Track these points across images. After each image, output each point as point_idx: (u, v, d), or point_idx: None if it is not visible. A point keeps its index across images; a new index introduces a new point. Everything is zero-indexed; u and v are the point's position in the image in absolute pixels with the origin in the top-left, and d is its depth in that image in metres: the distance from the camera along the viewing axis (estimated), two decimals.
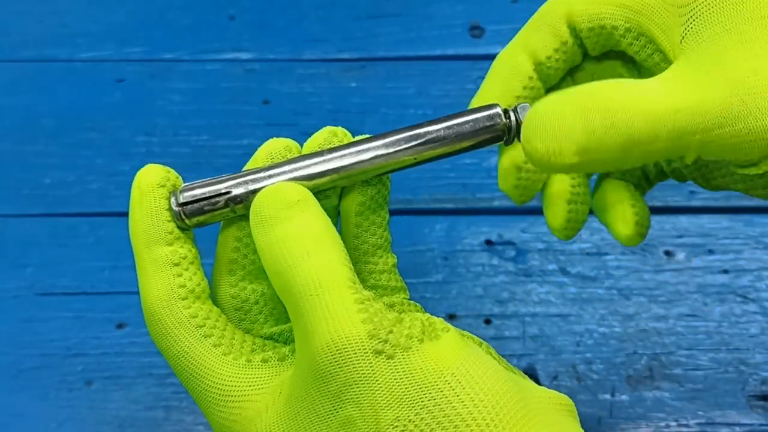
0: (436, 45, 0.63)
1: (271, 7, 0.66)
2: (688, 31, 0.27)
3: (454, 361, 0.23)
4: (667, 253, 0.52)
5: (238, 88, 0.61)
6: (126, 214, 0.29)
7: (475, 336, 0.29)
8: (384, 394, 0.23)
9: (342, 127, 0.29)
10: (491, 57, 0.34)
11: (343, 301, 0.24)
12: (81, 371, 0.49)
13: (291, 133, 0.59)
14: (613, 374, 0.47)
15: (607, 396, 0.47)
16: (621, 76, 0.32)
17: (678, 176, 0.34)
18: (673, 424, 0.46)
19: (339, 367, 0.23)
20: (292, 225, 0.25)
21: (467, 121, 0.28)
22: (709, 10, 0.26)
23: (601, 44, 0.30)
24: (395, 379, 0.23)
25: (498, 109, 0.28)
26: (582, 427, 0.43)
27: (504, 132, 0.28)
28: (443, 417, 0.23)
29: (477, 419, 0.22)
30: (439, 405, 0.23)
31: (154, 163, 0.29)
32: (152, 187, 0.28)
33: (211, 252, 0.29)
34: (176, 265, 0.27)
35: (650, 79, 0.27)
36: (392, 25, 0.64)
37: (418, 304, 0.31)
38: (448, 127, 0.28)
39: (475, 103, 0.32)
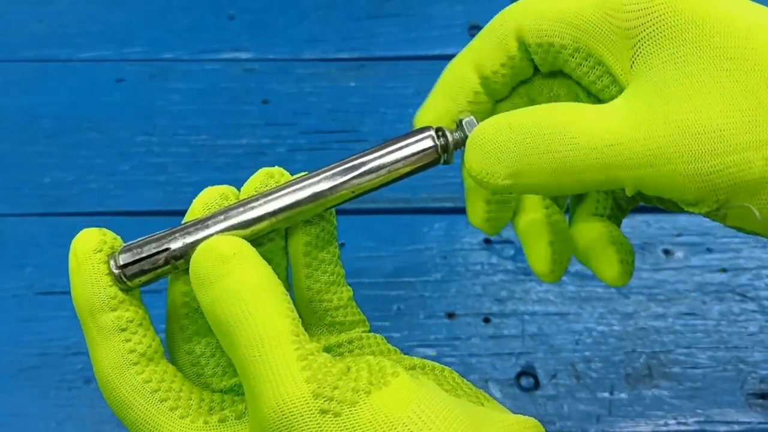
0: (435, 45, 0.63)
1: (270, 7, 0.66)
2: (638, 56, 0.26)
3: (405, 408, 0.23)
4: (666, 252, 0.52)
5: (238, 87, 0.61)
6: (126, 214, 0.29)
7: (434, 363, 0.28)
8: None
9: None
10: None
11: (286, 360, 0.23)
12: (80, 370, 0.49)
13: (290, 133, 0.59)
14: (612, 372, 0.47)
15: (606, 394, 0.47)
16: (573, 91, 0.31)
17: (644, 199, 0.33)
18: (672, 422, 0.46)
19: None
20: (229, 282, 0.25)
21: (400, 148, 0.28)
22: (656, 35, 0.26)
23: (549, 62, 0.29)
24: None
25: (431, 132, 0.28)
26: (581, 425, 0.43)
27: (439, 154, 0.28)
28: None
29: None
30: None
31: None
32: (88, 253, 0.26)
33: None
34: (124, 330, 0.26)
35: (595, 106, 0.26)
36: (391, 25, 0.64)
37: (378, 335, 0.30)
38: (382, 156, 0.28)
39: (419, 114, 0.32)
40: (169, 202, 0.55)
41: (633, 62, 0.26)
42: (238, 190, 0.29)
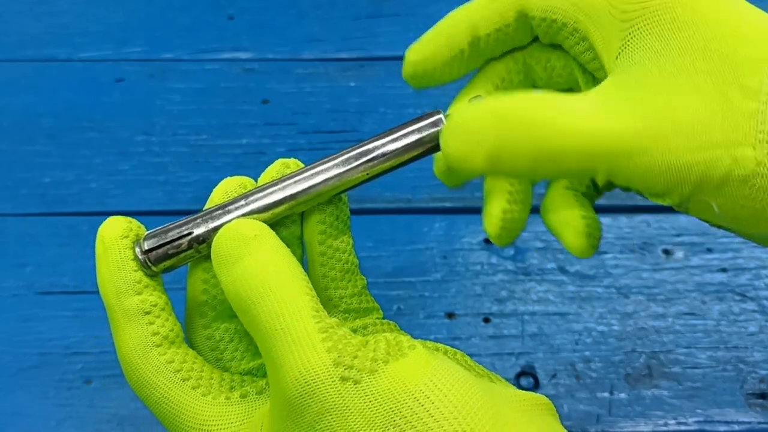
0: None
1: (270, 6, 0.66)
2: (625, 48, 0.27)
3: (422, 377, 0.24)
4: (666, 252, 0.52)
5: (237, 87, 0.61)
6: (126, 214, 0.29)
7: (446, 346, 0.29)
8: (357, 419, 0.23)
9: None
10: None
11: (307, 332, 0.24)
12: (80, 370, 0.49)
13: (290, 133, 0.59)
14: (612, 372, 0.47)
15: (606, 394, 0.47)
16: (570, 66, 0.32)
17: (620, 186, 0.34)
18: (672, 422, 0.46)
19: (310, 398, 0.24)
20: (251, 261, 0.26)
21: (412, 131, 0.29)
22: (646, 30, 0.26)
23: (550, 36, 0.30)
24: (365, 403, 0.23)
25: (441, 116, 0.29)
26: (581, 425, 0.43)
27: None
28: None
29: (448, 431, 0.23)
30: (410, 423, 0.23)
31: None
32: (115, 239, 0.27)
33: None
34: (148, 313, 0.27)
35: (577, 95, 0.27)
36: (391, 24, 0.64)
37: (392, 322, 0.31)
38: (395, 140, 0.29)
39: (409, 53, 0.32)
40: (168, 201, 0.55)
41: (619, 53, 0.27)
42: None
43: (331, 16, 0.65)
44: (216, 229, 0.27)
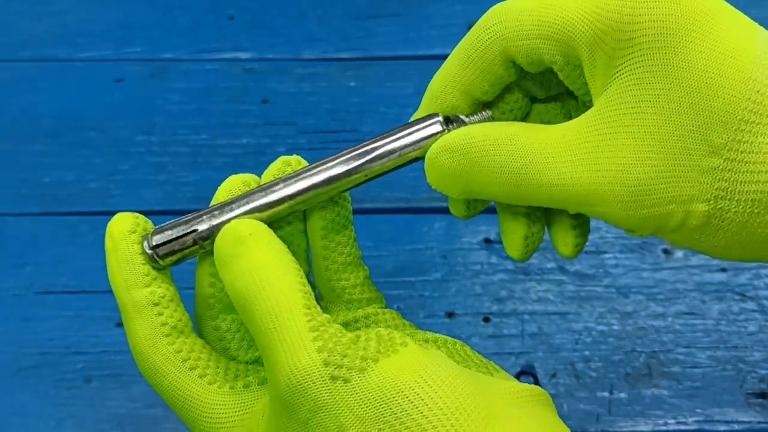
0: (434, 44, 0.63)
1: (270, 6, 0.66)
2: (610, 85, 0.27)
3: (412, 374, 0.24)
4: (666, 251, 0.52)
5: (238, 87, 0.61)
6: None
7: (446, 337, 0.30)
8: (347, 416, 0.24)
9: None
10: None
11: (298, 331, 0.25)
12: (80, 369, 0.49)
13: (290, 133, 0.59)
14: (612, 372, 0.48)
15: (606, 394, 0.47)
16: (567, 109, 0.32)
17: None
18: (672, 421, 0.46)
19: (302, 397, 0.25)
20: (245, 260, 0.27)
21: (411, 133, 0.30)
22: (631, 73, 0.26)
23: (542, 67, 0.29)
24: (355, 400, 0.24)
25: (439, 118, 0.30)
26: (581, 425, 0.43)
27: None
28: (406, 430, 0.24)
29: (438, 428, 0.23)
30: (400, 419, 0.24)
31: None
32: (124, 234, 0.29)
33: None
34: (156, 304, 0.28)
35: (552, 131, 0.28)
36: (391, 24, 0.64)
37: (394, 311, 0.32)
38: (393, 141, 0.30)
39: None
40: (168, 201, 0.55)
41: (605, 90, 0.27)
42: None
43: (331, 16, 0.65)
44: (217, 226, 0.29)
